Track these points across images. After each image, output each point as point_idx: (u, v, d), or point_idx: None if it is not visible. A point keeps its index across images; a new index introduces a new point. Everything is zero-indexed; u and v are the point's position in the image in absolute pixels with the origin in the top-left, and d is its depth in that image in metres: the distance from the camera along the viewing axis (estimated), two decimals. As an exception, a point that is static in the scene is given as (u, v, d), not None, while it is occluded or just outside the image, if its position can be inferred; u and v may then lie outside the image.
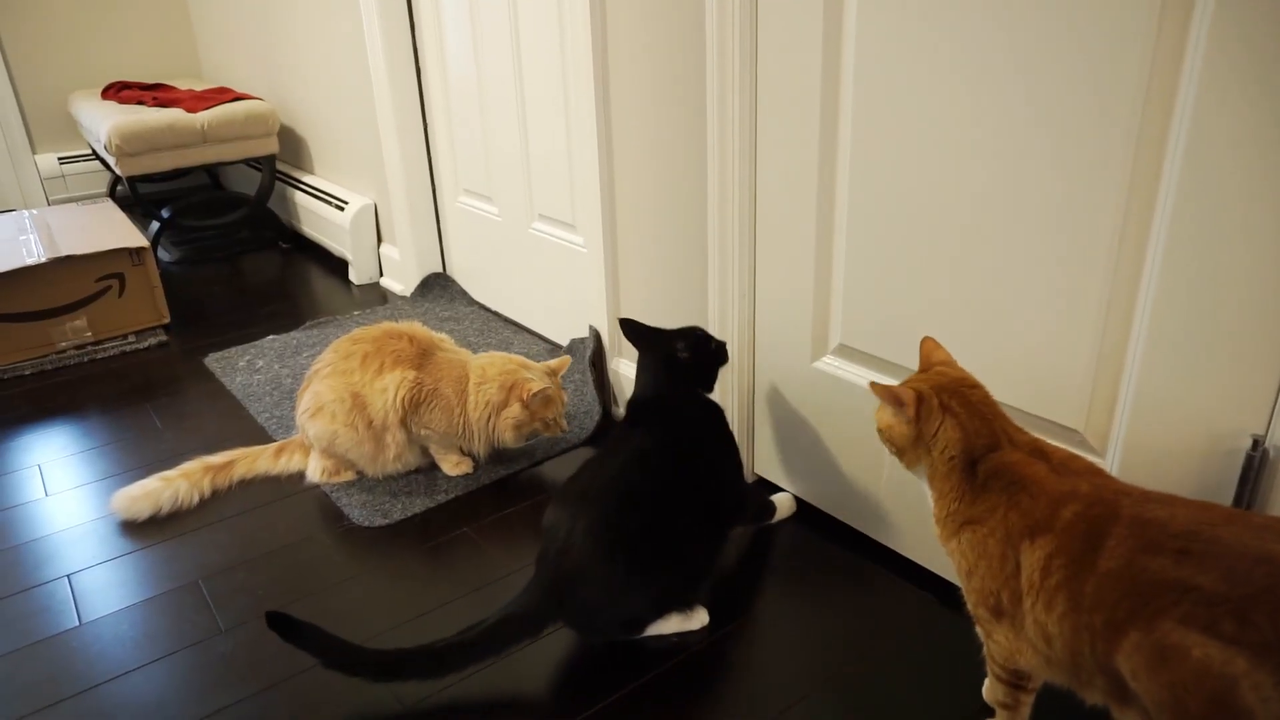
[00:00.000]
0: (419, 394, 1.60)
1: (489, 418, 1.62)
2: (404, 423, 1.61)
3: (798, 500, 1.54)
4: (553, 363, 1.70)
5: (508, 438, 1.64)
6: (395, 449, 1.63)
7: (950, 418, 0.96)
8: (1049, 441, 0.97)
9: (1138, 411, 1.03)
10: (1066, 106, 0.99)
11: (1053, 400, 1.12)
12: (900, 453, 1.02)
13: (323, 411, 1.61)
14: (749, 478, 1.62)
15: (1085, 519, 0.85)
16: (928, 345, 1.07)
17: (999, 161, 1.08)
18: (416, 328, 1.68)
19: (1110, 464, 1.08)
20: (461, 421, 1.63)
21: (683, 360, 1.37)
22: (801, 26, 1.24)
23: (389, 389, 1.59)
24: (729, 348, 1.45)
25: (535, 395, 1.60)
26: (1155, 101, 0.92)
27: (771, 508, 1.50)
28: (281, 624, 1.11)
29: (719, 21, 1.34)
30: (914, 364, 1.26)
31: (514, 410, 1.61)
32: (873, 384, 1.01)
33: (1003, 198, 1.09)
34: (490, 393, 1.62)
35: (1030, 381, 1.13)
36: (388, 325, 1.68)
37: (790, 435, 1.52)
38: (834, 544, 1.45)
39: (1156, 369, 1.00)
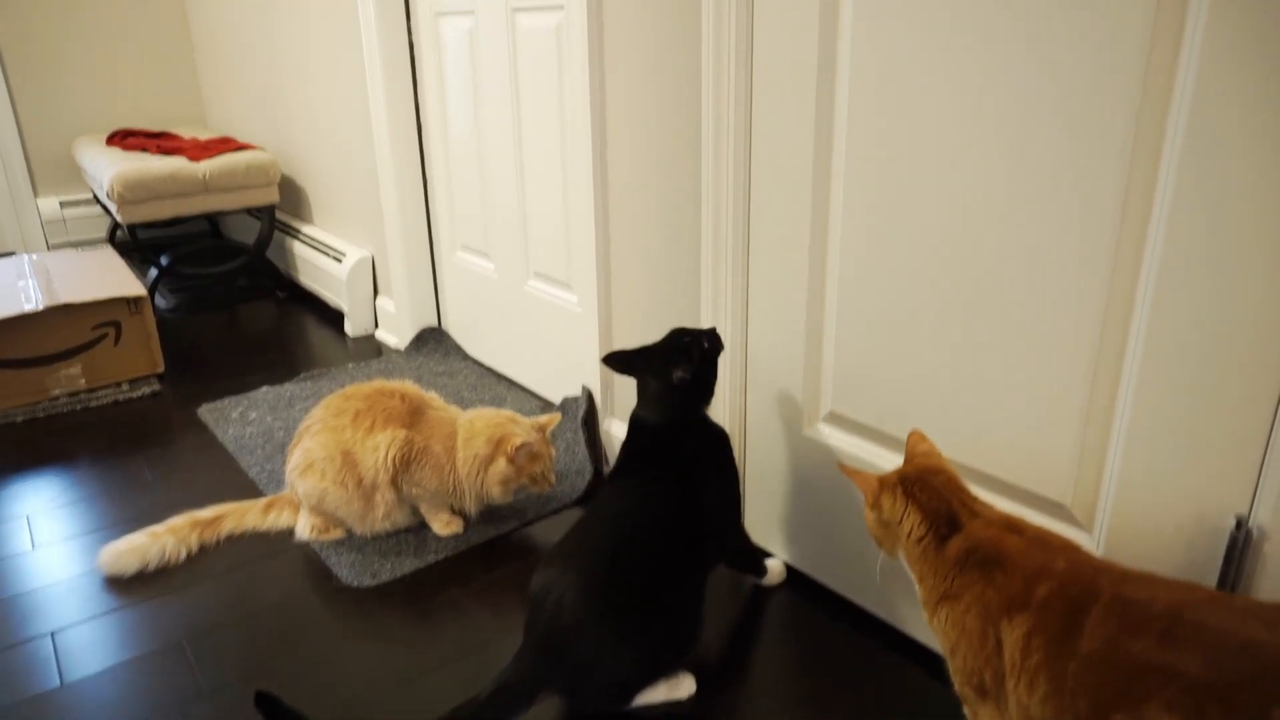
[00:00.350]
0: (410, 452, 1.60)
1: (477, 473, 1.63)
2: (394, 481, 1.61)
3: (788, 567, 1.54)
4: (542, 418, 1.70)
5: (495, 493, 1.64)
6: (385, 508, 1.62)
7: (911, 503, 1.00)
8: (1025, 519, 0.99)
9: (1123, 488, 1.04)
10: (1052, 200, 1.02)
11: (1040, 474, 1.13)
12: (879, 542, 1.05)
13: (313, 469, 1.61)
14: (739, 541, 1.62)
15: (1063, 597, 0.86)
16: (913, 438, 1.10)
17: (988, 236, 1.10)
18: (408, 386, 1.69)
19: (1096, 540, 1.08)
20: (452, 479, 1.63)
21: (678, 382, 1.31)
22: (794, 104, 1.28)
23: (380, 447, 1.59)
24: (718, 360, 1.37)
25: (520, 449, 1.60)
26: (1134, 202, 0.95)
27: (763, 561, 1.50)
28: (268, 706, 1.10)
29: (715, 93, 1.38)
30: (903, 432, 1.28)
31: (500, 465, 1.62)
32: (841, 465, 1.05)
33: (992, 272, 1.11)
34: (478, 447, 1.62)
35: (1018, 454, 1.15)
36: (380, 383, 1.68)
37: (781, 501, 1.52)
38: (823, 612, 1.45)
39: (1140, 446, 1.01)
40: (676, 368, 1.30)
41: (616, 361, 1.36)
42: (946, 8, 1.07)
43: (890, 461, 1.31)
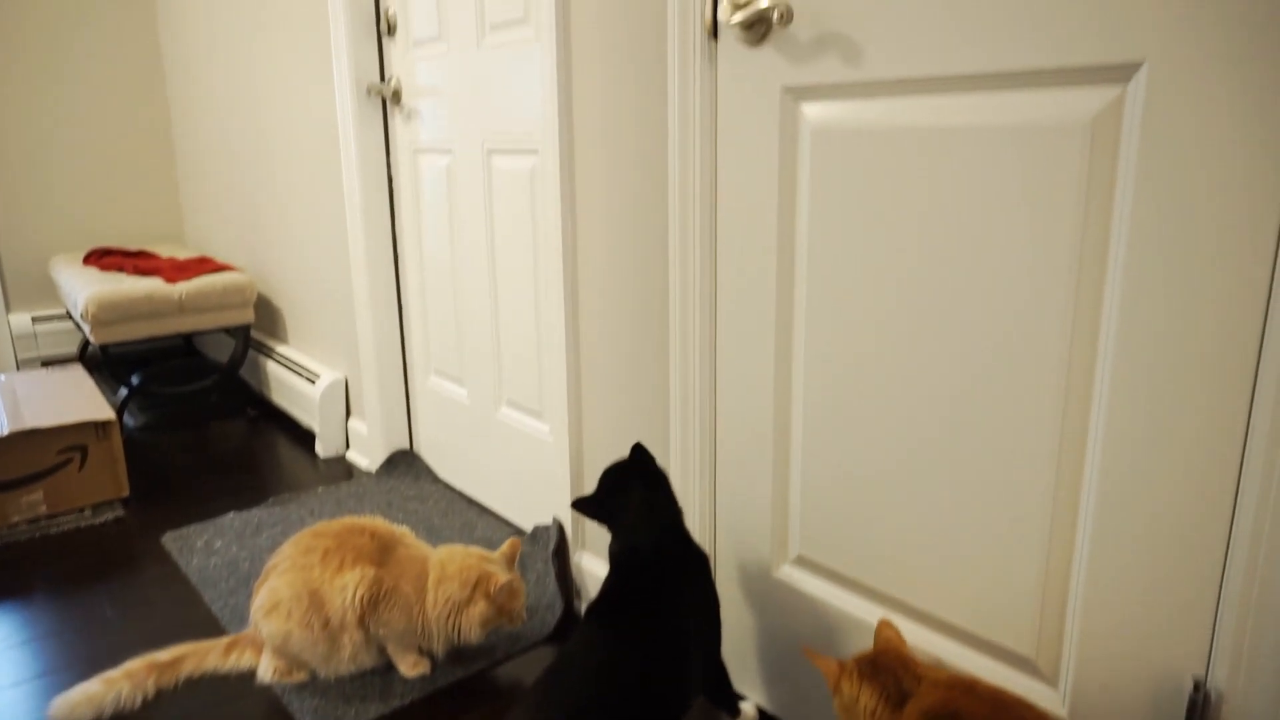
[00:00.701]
0: (378, 591, 1.59)
1: (449, 615, 1.61)
2: (362, 622, 1.58)
3: (760, 711, 1.52)
4: (505, 549, 1.69)
5: (474, 635, 1.62)
6: (351, 649, 1.59)
7: (864, 681, 1.06)
8: (977, 678, 1.01)
9: (1085, 643, 1.05)
10: (1009, 359, 1.07)
11: (1006, 627, 1.14)
12: None
13: (278, 609, 1.58)
14: (711, 681, 1.61)
15: None
16: (881, 626, 1.16)
17: (943, 390, 1.15)
18: (378, 522, 1.69)
19: (1062, 696, 1.09)
20: (420, 620, 1.61)
21: (646, 507, 1.33)
22: (757, 253, 1.34)
23: (348, 586, 1.57)
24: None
25: (502, 589, 1.59)
26: (1079, 359, 1.00)
27: (738, 700, 1.47)
28: None
29: (680, 240, 1.44)
30: (872, 579, 1.29)
31: (480, 607, 1.60)
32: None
33: (953, 422, 1.15)
34: (451, 590, 1.60)
35: (985, 606, 1.16)
36: (349, 520, 1.68)
37: (753, 643, 1.52)
38: (797, 758, 1.42)
39: (1099, 601, 1.03)
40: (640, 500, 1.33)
41: (585, 507, 1.38)
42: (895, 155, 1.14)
43: (859, 607, 1.32)
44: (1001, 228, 1.04)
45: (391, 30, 2.31)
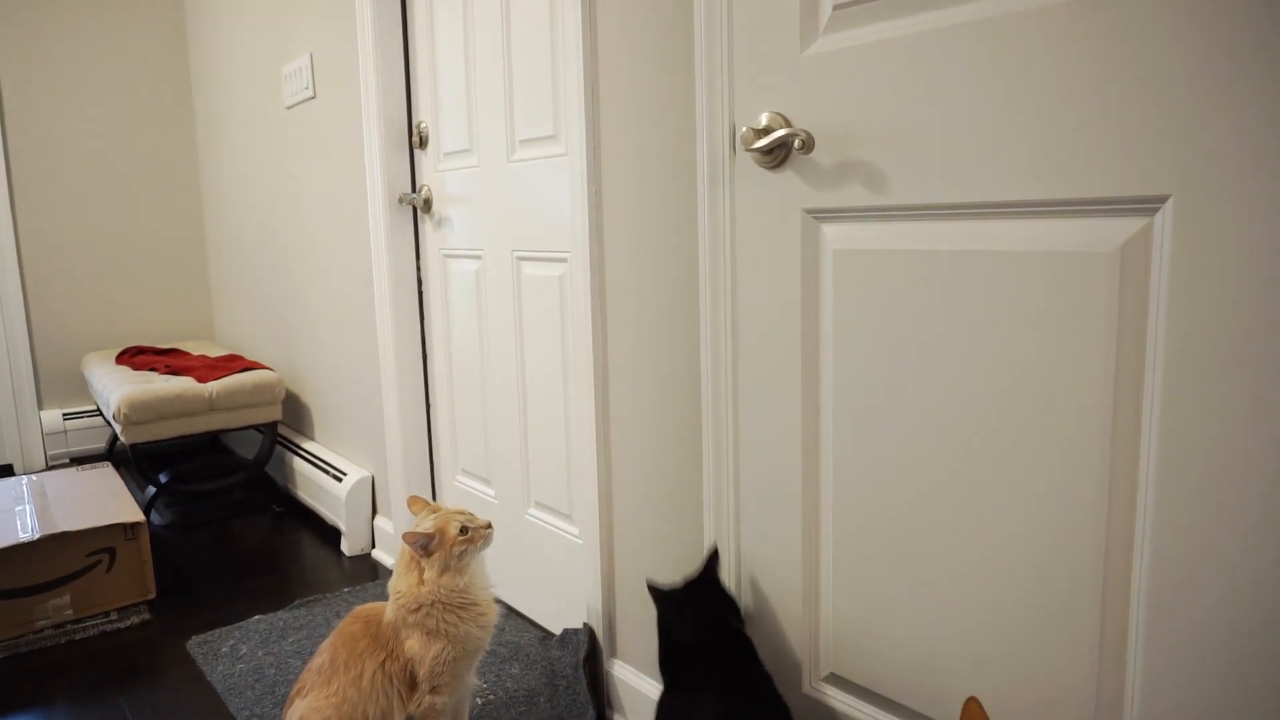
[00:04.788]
0: (393, 667, 1.57)
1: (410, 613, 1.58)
2: (401, 696, 1.56)
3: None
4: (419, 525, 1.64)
5: (461, 568, 1.59)
6: None
7: None
8: None
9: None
10: (1046, 454, 1.08)
11: None
12: None
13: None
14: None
15: None
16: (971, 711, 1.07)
17: (976, 521, 1.14)
18: (359, 611, 1.66)
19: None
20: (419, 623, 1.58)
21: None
22: (782, 358, 1.36)
23: (366, 675, 1.56)
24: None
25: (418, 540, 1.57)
26: (1121, 470, 1.01)
27: None
28: None
29: (713, 359, 1.46)
30: (911, 699, 1.26)
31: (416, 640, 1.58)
32: None
33: (992, 525, 1.14)
34: (404, 599, 1.59)
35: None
36: (344, 626, 1.65)
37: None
38: None
39: (1158, 693, 1.01)
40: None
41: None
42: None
43: None
44: (1030, 349, 1.06)
45: (424, 144, 2.40)
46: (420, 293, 2.52)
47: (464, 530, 1.59)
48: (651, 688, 1.74)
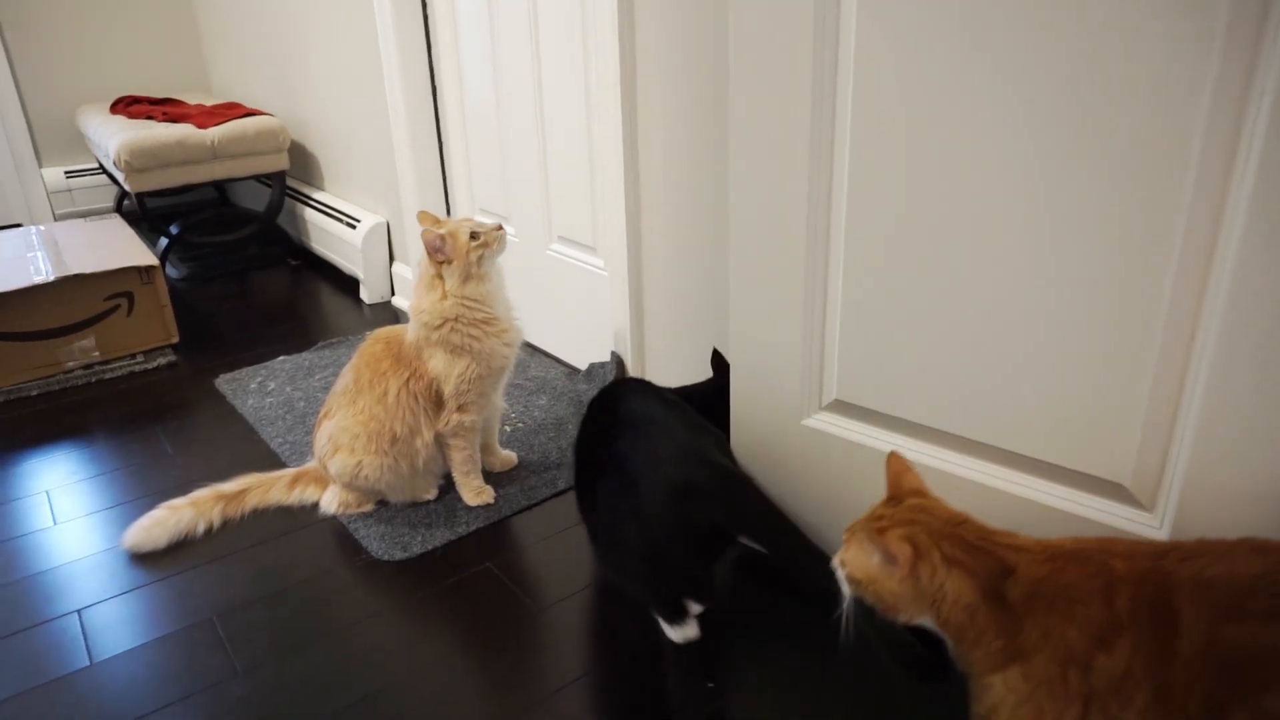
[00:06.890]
0: (416, 384, 1.56)
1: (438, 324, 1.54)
2: (427, 413, 1.57)
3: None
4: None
5: (478, 268, 1.53)
6: (425, 453, 1.58)
7: (955, 568, 0.85)
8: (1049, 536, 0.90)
9: (1196, 463, 0.96)
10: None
11: (1094, 454, 1.05)
12: (890, 609, 0.90)
13: (343, 448, 1.56)
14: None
15: (1142, 603, 0.78)
16: (896, 466, 0.97)
17: (1028, 170, 1.03)
18: (379, 333, 1.63)
19: (1160, 519, 1.02)
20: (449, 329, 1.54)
21: None
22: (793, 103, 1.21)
23: (390, 391, 1.55)
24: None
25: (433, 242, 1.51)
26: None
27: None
28: None
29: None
30: (919, 417, 1.20)
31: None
32: (874, 527, 0.89)
33: (1031, 213, 1.04)
34: (425, 318, 1.54)
35: (1068, 434, 1.07)
36: (365, 348, 1.62)
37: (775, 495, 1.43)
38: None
39: (1218, 415, 0.94)
40: None
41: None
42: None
43: (895, 445, 1.24)
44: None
45: None
46: (426, 23, 2.30)
47: (474, 236, 1.51)
48: (681, 411, 1.73)
